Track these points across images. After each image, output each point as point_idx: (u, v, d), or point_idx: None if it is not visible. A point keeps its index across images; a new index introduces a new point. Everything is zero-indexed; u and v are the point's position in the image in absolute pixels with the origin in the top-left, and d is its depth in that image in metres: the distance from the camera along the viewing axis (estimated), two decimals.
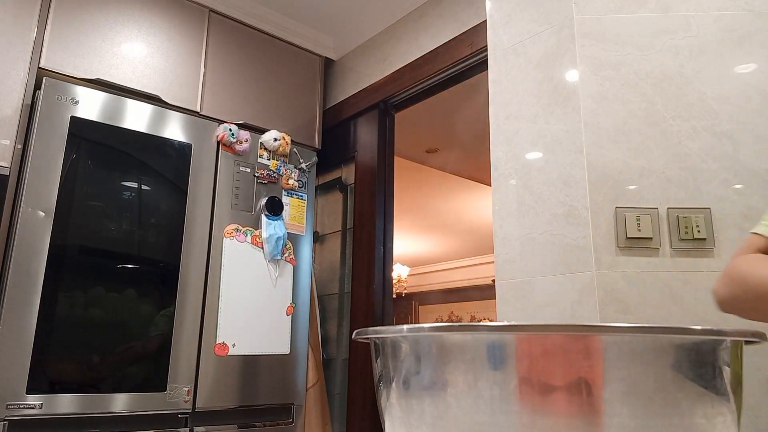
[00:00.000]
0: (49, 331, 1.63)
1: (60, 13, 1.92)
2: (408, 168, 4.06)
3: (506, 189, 1.56)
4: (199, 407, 1.84)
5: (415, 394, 0.37)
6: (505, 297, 1.49)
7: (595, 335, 0.34)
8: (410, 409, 0.37)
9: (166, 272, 1.88)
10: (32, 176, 1.69)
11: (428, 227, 6.37)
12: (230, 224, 2.04)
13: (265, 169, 2.17)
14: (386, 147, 2.46)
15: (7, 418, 1.52)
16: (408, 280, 7.82)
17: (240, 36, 2.35)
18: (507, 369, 0.34)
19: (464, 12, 2.12)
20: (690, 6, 1.59)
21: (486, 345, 0.35)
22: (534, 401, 0.33)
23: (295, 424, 2.05)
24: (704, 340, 0.35)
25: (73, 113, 1.79)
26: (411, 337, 0.38)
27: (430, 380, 0.36)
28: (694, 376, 0.34)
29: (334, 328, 2.49)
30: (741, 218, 1.45)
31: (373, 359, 0.42)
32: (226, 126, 2.09)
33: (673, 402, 0.33)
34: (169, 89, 2.10)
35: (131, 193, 1.88)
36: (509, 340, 0.34)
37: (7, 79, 1.78)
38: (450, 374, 0.35)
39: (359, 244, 2.40)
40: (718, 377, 0.35)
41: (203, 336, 1.90)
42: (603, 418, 0.33)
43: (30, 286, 1.62)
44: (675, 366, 0.34)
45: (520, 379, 0.34)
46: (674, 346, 0.34)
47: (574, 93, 1.46)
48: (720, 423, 0.35)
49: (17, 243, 1.63)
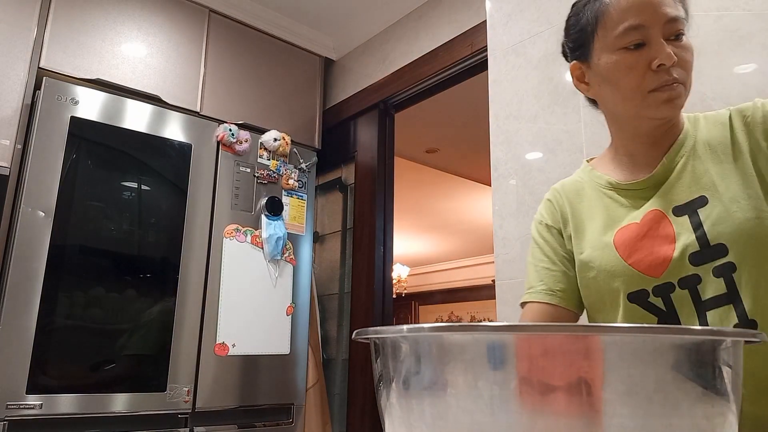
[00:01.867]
0: (49, 331, 1.63)
1: (60, 13, 1.92)
2: (408, 168, 4.06)
3: (506, 189, 1.56)
4: (199, 407, 1.84)
5: (415, 394, 0.37)
6: (505, 297, 1.49)
7: (595, 335, 0.34)
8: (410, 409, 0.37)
9: (165, 272, 1.88)
10: (32, 176, 1.69)
11: (428, 227, 6.37)
12: (230, 224, 2.04)
13: (265, 169, 2.17)
14: (386, 147, 2.46)
15: (7, 418, 1.52)
16: (408, 280, 7.83)
17: (240, 36, 2.35)
18: (507, 369, 0.34)
19: (464, 12, 2.12)
20: (690, 6, 1.59)
21: (486, 345, 0.35)
22: (534, 401, 0.33)
23: (295, 424, 2.05)
24: (704, 340, 0.35)
25: (73, 113, 1.79)
26: (411, 337, 0.38)
27: (430, 380, 0.36)
28: (694, 376, 0.34)
29: (334, 328, 2.49)
30: None
31: (373, 359, 0.42)
32: (226, 126, 2.09)
33: (673, 402, 0.33)
34: (169, 89, 2.10)
35: (131, 193, 1.88)
36: (509, 340, 0.34)
37: (7, 79, 1.78)
38: (450, 374, 0.35)
39: (359, 244, 2.40)
40: (718, 377, 0.35)
41: (203, 336, 1.90)
42: (603, 418, 0.33)
43: (30, 286, 1.62)
44: (675, 366, 0.34)
45: (520, 379, 0.34)
46: (674, 346, 0.34)
47: (574, 93, 1.46)
48: (720, 423, 0.35)
49: (17, 243, 1.63)
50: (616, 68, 0.77)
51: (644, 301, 0.76)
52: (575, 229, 0.85)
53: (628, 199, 0.81)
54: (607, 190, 0.84)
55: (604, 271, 0.79)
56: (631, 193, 0.81)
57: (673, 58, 0.73)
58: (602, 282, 0.79)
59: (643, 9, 0.74)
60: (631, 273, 0.76)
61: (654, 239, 0.76)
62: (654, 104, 0.75)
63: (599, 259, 0.79)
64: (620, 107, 0.80)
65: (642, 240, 0.77)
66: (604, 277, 0.79)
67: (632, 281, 0.76)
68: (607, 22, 0.77)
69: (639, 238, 0.77)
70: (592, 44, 0.80)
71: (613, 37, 0.76)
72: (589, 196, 0.86)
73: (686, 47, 0.76)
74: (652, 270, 0.75)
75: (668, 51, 0.73)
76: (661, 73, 0.74)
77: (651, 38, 0.75)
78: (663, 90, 0.74)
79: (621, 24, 0.75)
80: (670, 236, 0.75)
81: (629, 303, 0.77)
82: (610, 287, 0.78)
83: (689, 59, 0.76)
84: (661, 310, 0.75)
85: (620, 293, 0.77)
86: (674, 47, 0.75)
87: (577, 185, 0.89)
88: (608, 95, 0.81)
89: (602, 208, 0.83)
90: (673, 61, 0.73)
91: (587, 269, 0.81)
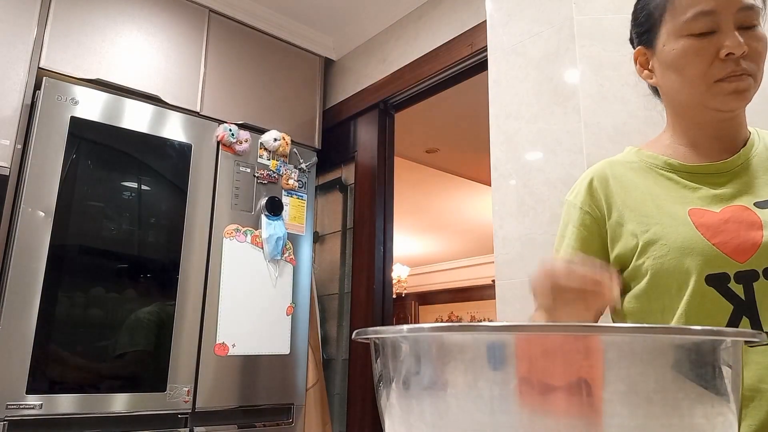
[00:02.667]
0: (49, 331, 1.63)
1: (60, 13, 1.92)
2: (408, 168, 4.06)
3: (506, 189, 1.56)
4: (199, 407, 1.84)
5: (415, 394, 0.37)
6: (505, 297, 1.49)
7: (595, 335, 0.34)
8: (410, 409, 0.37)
9: (165, 272, 1.88)
10: (32, 176, 1.69)
11: (428, 227, 6.37)
12: (230, 224, 2.04)
13: (265, 170, 2.17)
14: (386, 147, 2.46)
15: (7, 418, 1.52)
16: (408, 280, 7.82)
17: (240, 36, 2.35)
18: (507, 369, 0.34)
19: (464, 12, 2.12)
20: None
21: (486, 345, 0.35)
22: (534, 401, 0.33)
23: (295, 425, 2.05)
24: (704, 341, 0.35)
25: (73, 113, 1.79)
26: (411, 337, 0.38)
27: (430, 380, 0.36)
28: (694, 376, 0.34)
29: (334, 328, 2.49)
30: None
31: (373, 359, 0.42)
32: (226, 126, 2.09)
33: (673, 402, 0.33)
34: (169, 89, 2.10)
35: (131, 193, 1.88)
36: (509, 340, 0.34)
37: (7, 79, 1.78)
38: (450, 374, 0.35)
39: (359, 244, 2.40)
40: (718, 377, 0.35)
41: (203, 336, 1.90)
42: (603, 418, 0.33)
43: (30, 286, 1.62)
44: (675, 366, 0.34)
45: (520, 379, 0.34)
46: (674, 346, 0.34)
47: (574, 93, 1.46)
48: (720, 423, 0.35)
49: (17, 243, 1.63)
50: (682, 54, 0.74)
51: (723, 285, 0.69)
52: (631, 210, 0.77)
53: (693, 181, 0.76)
54: (666, 171, 0.78)
55: (677, 248, 0.71)
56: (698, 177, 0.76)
57: (743, 48, 0.70)
58: (672, 261, 0.71)
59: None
60: (713, 253, 0.69)
61: (740, 223, 0.70)
62: (720, 94, 0.72)
63: (673, 236, 0.71)
64: (684, 95, 0.76)
65: (726, 223, 0.71)
66: (675, 255, 0.71)
67: (713, 262, 0.69)
68: (677, 7, 0.74)
69: (723, 221, 0.71)
70: (659, 29, 0.77)
71: (681, 21, 0.73)
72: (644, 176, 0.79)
73: (759, 38, 0.72)
74: (739, 254, 0.69)
75: (739, 40, 0.70)
76: (729, 63, 0.70)
77: (722, 25, 0.71)
78: (730, 80, 0.71)
79: (691, 9, 0.72)
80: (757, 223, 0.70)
81: (705, 285, 0.69)
82: (682, 267, 0.70)
83: (762, 51, 0.73)
84: (740, 299, 0.68)
85: (693, 274, 0.70)
86: (746, 37, 0.71)
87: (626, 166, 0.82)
88: (672, 83, 0.77)
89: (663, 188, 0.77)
90: (743, 51, 0.70)
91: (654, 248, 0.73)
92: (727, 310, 0.69)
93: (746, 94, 0.72)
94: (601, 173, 0.82)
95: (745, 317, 0.68)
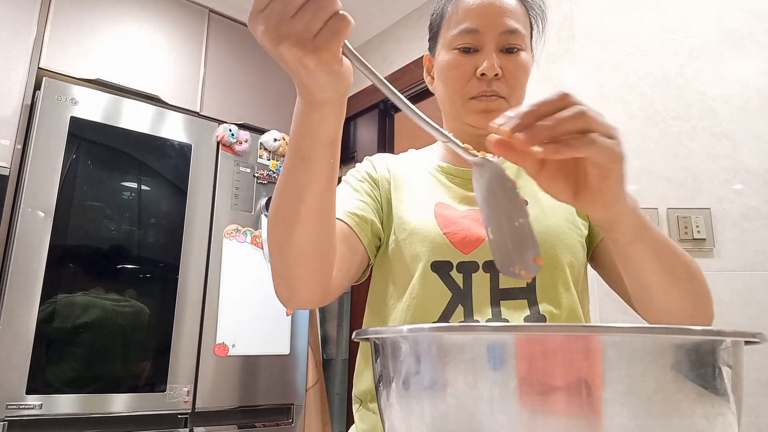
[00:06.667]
0: (49, 331, 1.63)
1: (60, 13, 1.92)
2: None
3: None
4: (198, 407, 1.84)
5: (415, 394, 0.37)
6: None
7: (594, 335, 0.34)
8: (410, 409, 0.37)
9: (165, 272, 1.88)
10: (32, 176, 1.69)
11: None
12: (230, 224, 2.04)
13: (265, 170, 2.17)
14: (386, 147, 2.46)
15: (7, 418, 1.52)
16: None
17: (240, 36, 2.35)
18: (507, 369, 0.34)
19: None
20: (690, 6, 1.59)
21: (486, 345, 0.35)
22: (534, 401, 0.33)
23: (294, 425, 2.05)
24: (704, 340, 0.35)
25: (72, 113, 1.79)
26: (411, 337, 0.38)
27: (430, 380, 0.36)
28: (694, 376, 0.34)
29: (334, 328, 2.49)
30: (741, 218, 1.45)
31: (373, 359, 0.42)
32: (226, 126, 2.09)
33: (673, 402, 0.33)
34: (169, 89, 2.10)
35: (131, 194, 1.88)
36: (509, 341, 0.34)
37: (7, 79, 1.78)
38: (450, 374, 0.35)
39: None
40: (718, 377, 0.35)
41: (203, 336, 1.90)
42: (603, 419, 0.33)
43: (30, 286, 1.62)
44: (675, 366, 0.34)
45: (520, 379, 0.34)
46: (674, 346, 0.34)
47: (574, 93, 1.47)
48: (720, 423, 0.35)
49: (17, 243, 1.63)
50: (447, 67, 0.76)
51: (446, 273, 0.73)
52: (396, 188, 0.82)
53: (453, 183, 0.80)
54: (435, 172, 0.82)
55: (415, 234, 0.75)
56: (458, 179, 0.80)
57: (495, 70, 0.72)
58: (410, 245, 0.75)
59: (483, 14, 0.74)
60: (442, 242, 0.73)
61: (475, 221, 0.75)
62: (472, 111, 0.75)
63: (415, 221, 0.76)
64: (447, 106, 0.80)
65: (463, 218, 0.75)
66: (413, 240, 0.75)
67: (440, 250, 0.73)
68: (452, 19, 0.76)
69: (461, 217, 0.76)
70: (438, 39, 0.80)
71: (450, 35, 0.76)
72: (416, 170, 0.84)
73: (519, 63, 0.75)
74: (464, 245, 0.73)
75: (493, 62, 0.72)
76: (483, 82, 0.73)
77: (485, 45, 0.74)
78: (480, 99, 0.74)
79: (460, 24, 0.75)
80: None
81: (430, 271, 0.73)
82: (415, 252, 0.74)
83: (519, 76, 0.75)
84: (458, 287, 0.72)
85: (422, 260, 0.73)
86: (505, 60, 0.74)
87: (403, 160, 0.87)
88: (440, 93, 0.81)
89: (426, 182, 0.81)
90: (495, 73, 0.72)
91: (401, 229, 0.77)
92: (446, 297, 0.72)
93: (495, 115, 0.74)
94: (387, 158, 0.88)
95: (460, 305, 0.71)
